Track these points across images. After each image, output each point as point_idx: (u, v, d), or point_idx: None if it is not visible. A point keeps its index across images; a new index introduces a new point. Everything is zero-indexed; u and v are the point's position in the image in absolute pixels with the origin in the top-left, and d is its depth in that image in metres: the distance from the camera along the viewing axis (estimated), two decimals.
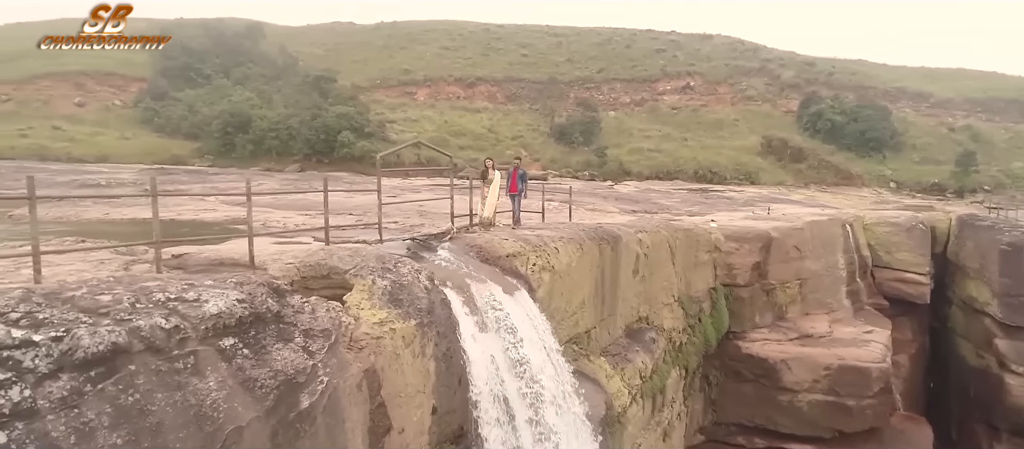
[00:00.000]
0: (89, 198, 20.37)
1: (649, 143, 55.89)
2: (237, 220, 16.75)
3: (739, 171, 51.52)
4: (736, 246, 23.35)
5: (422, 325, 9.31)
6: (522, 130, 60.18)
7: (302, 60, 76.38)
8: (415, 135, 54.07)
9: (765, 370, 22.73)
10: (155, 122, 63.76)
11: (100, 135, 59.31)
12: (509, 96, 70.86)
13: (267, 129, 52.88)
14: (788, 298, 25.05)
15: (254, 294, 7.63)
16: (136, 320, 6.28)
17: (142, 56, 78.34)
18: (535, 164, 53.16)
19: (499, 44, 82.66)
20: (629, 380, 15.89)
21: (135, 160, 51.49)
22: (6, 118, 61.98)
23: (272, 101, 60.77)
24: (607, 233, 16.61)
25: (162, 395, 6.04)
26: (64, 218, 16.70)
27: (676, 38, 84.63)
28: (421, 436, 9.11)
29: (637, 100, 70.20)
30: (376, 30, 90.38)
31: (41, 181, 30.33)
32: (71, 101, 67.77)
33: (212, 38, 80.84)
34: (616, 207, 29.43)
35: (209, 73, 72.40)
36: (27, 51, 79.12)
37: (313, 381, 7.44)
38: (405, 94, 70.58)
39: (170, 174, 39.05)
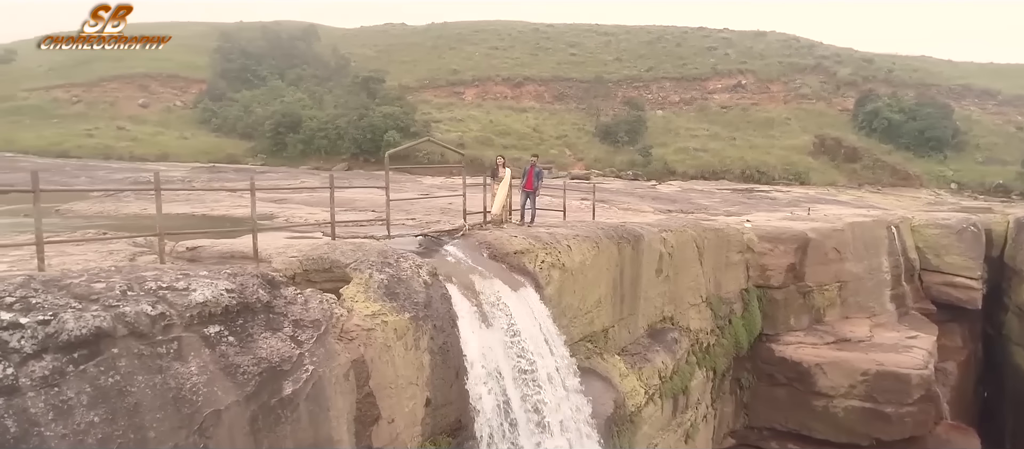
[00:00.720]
0: (97, 192, 21.30)
1: (696, 142, 55.05)
2: (263, 216, 17.31)
3: (788, 171, 50.26)
4: (770, 247, 22.89)
5: (417, 319, 9.51)
6: (567, 130, 60.07)
7: (354, 61, 77.90)
8: (459, 135, 54.61)
9: (799, 374, 22.22)
10: (213, 122, 65.99)
11: (161, 135, 61.72)
12: (556, 96, 70.76)
13: (316, 129, 54.19)
14: (826, 301, 24.40)
15: (245, 285, 7.93)
16: (123, 306, 6.64)
17: (203, 59, 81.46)
18: (578, 164, 53.05)
19: (548, 44, 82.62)
20: (647, 380, 15.81)
21: (192, 159, 53.44)
22: (76, 119, 65.12)
23: (323, 102, 62.19)
24: (628, 232, 16.55)
25: (143, 377, 6.37)
26: (104, 212, 17.56)
27: (728, 36, 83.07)
28: (413, 427, 9.30)
29: (686, 99, 69.20)
30: (426, 31, 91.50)
31: (98, 178, 31.86)
32: (136, 102, 70.73)
33: (269, 40, 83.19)
34: (651, 207, 29.16)
35: (265, 74, 74.53)
36: (97, 55, 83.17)
37: (298, 369, 7.70)
38: (453, 94, 71.23)
39: (219, 172, 40.46)
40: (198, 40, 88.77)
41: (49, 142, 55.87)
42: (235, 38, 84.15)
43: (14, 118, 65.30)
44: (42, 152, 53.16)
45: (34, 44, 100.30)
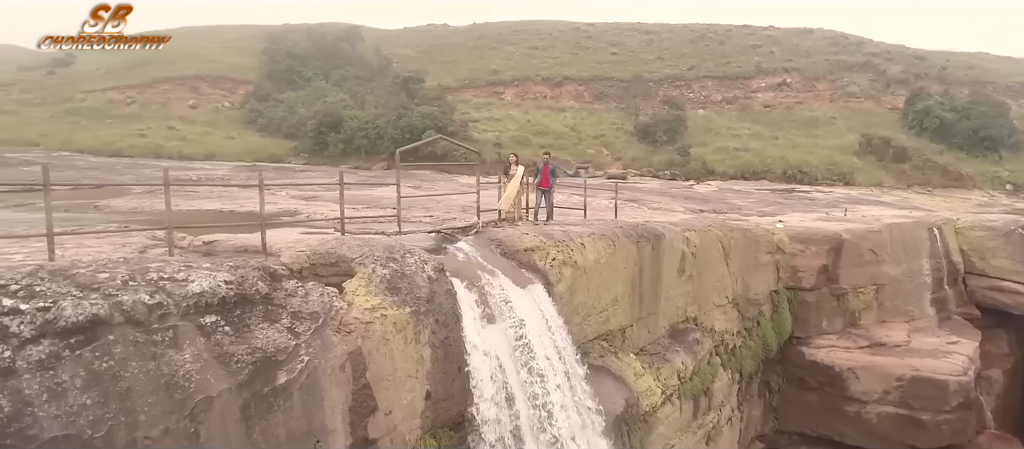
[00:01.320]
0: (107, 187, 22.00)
1: (736, 142, 54.11)
2: (289, 212, 17.73)
3: (832, 171, 49.03)
4: (801, 248, 22.42)
5: (418, 313, 9.65)
6: (605, 129, 59.74)
7: (396, 62, 78.86)
8: (496, 134, 54.84)
9: (830, 378, 21.69)
10: (258, 122, 67.66)
11: (209, 135, 63.57)
12: (596, 95, 70.46)
13: (357, 129, 55.08)
14: (862, 304, 23.77)
15: (245, 277, 8.18)
16: (121, 295, 6.93)
17: (251, 60, 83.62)
18: (616, 163, 52.72)
19: (588, 43, 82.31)
20: (665, 380, 15.67)
21: (236, 158, 54.88)
22: (130, 120, 67.52)
23: (365, 102, 63.15)
24: (648, 231, 16.43)
25: (136, 363, 6.64)
26: (139, 208, 18.24)
27: (773, 33, 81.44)
28: (412, 420, 9.44)
29: (729, 98, 68.12)
30: (468, 31, 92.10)
31: (144, 176, 32.97)
32: (186, 103, 72.98)
33: (314, 42, 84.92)
34: (682, 206, 28.84)
35: (309, 75, 76.08)
36: (152, 57, 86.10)
37: (293, 359, 7.91)
38: (493, 94, 71.54)
39: (260, 171, 41.41)
40: (247, 42, 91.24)
41: (104, 142, 58.09)
42: (281, 40, 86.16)
43: (72, 119, 68.08)
44: (97, 151, 55.34)
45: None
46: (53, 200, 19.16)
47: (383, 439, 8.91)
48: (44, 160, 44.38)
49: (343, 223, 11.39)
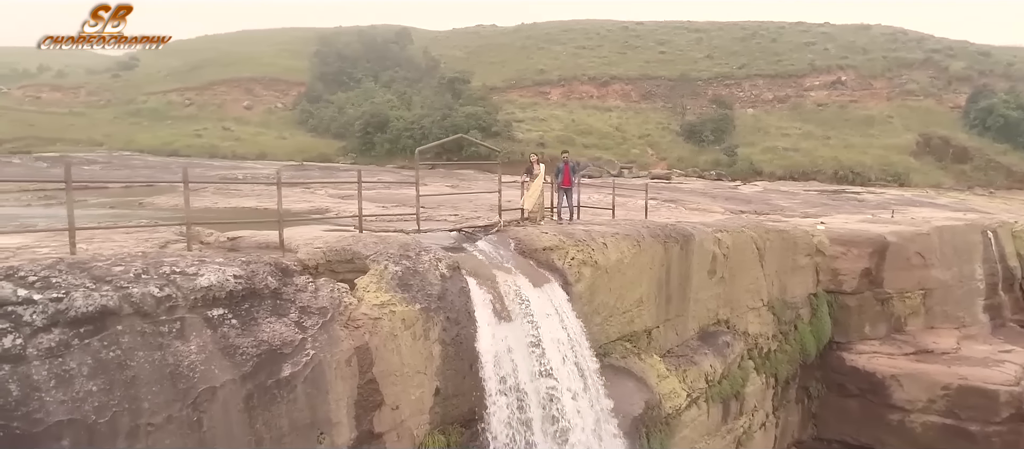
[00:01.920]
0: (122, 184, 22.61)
1: (786, 142, 52.79)
2: (320, 210, 18.11)
3: (886, 172, 47.38)
4: (843, 250, 21.77)
5: (428, 310, 9.77)
6: (651, 129, 59.07)
7: (444, 62, 79.59)
8: (540, 134, 54.80)
9: (872, 385, 21.03)
10: (309, 123, 69.19)
11: (262, 135, 65.31)
12: (643, 94, 69.74)
13: (402, 129, 55.78)
14: (908, 309, 22.95)
15: (255, 272, 8.43)
16: (132, 288, 7.23)
17: (304, 63, 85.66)
18: (661, 163, 52.08)
19: (636, 42, 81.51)
20: (691, 383, 15.46)
21: (287, 157, 56.19)
22: (187, 121, 69.91)
23: (412, 102, 63.93)
24: (676, 231, 16.24)
25: (143, 353, 6.93)
26: (179, 206, 18.84)
27: (829, 30, 79.19)
28: (420, 415, 9.56)
29: (780, 97, 66.53)
30: (516, 32, 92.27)
31: (196, 175, 34.08)
32: (241, 104, 75.16)
33: (364, 44, 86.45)
34: (722, 207, 28.33)
35: (359, 77, 77.40)
36: (209, 60, 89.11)
37: (299, 353, 8.12)
38: (539, 94, 71.50)
39: (306, 170, 42.40)
40: (300, 45, 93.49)
41: (162, 142, 60.27)
42: (333, 42, 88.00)
43: (134, 120, 70.89)
44: (156, 151, 57.46)
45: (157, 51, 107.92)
46: (104, 198, 19.98)
47: (389, 433, 9.06)
48: (105, 159, 46.32)
49: (361, 221, 11.60)
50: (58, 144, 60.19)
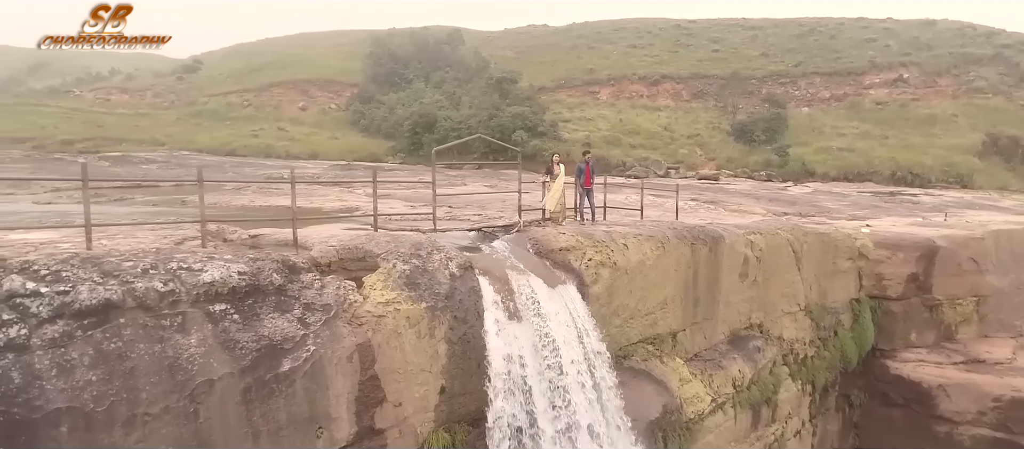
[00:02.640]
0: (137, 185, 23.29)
1: (841, 142, 51.05)
2: (350, 208, 18.44)
3: (947, 173, 45.34)
4: (888, 254, 20.98)
5: (435, 309, 9.86)
6: (701, 128, 58.01)
7: (494, 63, 79.85)
8: (586, 134, 54.48)
9: (917, 395, 20.22)
10: (361, 123, 70.40)
11: (315, 135, 66.79)
12: (695, 93, 68.52)
13: (450, 129, 56.23)
14: (959, 317, 21.96)
15: (261, 269, 8.67)
16: (136, 282, 7.53)
17: (357, 64, 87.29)
18: (709, 163, 51.10)
19: (689, 40, 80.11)
20: (717, 388, 15.16)
21: (338, 157, 57.34)
22: (245, 121, 72.02)
23: (461, 102, 64.41)
24: (705, 233, 15.95)
25: (144, 345, 7.21)
26: (220, 203, 19.50)
27: (891, 25, 76.18)
28: (425, 413, 9.66)
29: (838, 95, 64.37)
30: (567, 31, 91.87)
31: (246, 174, 35.11)
32: (296, 105, 77.02)
33: (417, 45, 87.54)
34: (764, 208, 27.64)
35: (411, 78, 78.38)
36: (268, 62, 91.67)
37: (299, 348, 8.31)
38: (588, 93, 71.05)
39: (351, 169, 43.20)
40: (355, 47, 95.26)
41: (220, 142, 62.25)
42: (386, 44, 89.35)
43: (195, 121, 73.41)
44: (214, 151, 59.40)
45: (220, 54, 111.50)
46: (152, 196, 20.77)
47: (391, 430, 9.19)
48: (164, 159, 48.17)
49: (376, 219, 11.78)
50: (124, 144, 62.87)
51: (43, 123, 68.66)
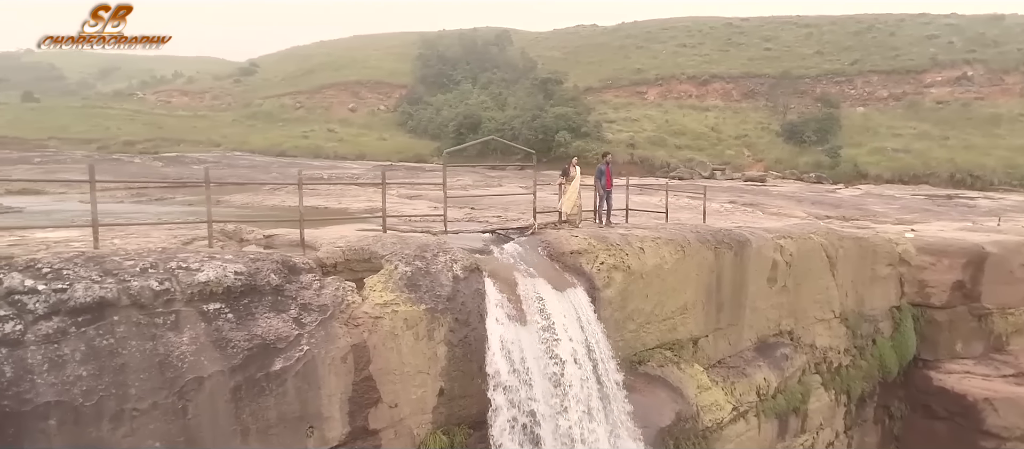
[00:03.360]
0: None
1: (897, 142, 49.06)
2: (375, 209, 18.57)
3: (1012, 175, 43.07)
4: (932, 260, 20.10)
5: (435, 311, 9.88)
6: (749, 129, 56.63)
7: (542, 63, 79.76)
8: (631, 135, 53.91)
9: (963, 408, 19.32)
10: (408, 124, 71.27)
11: (363, 136, 67.90)
12: (745, 93, 67.02)
13: (494, 129, 56.39)
14: (1011, 327, 20.88)
15: (259, 269, 8.82)
16: (133, 281, 7.77)
17: (407, 65, 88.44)
18: (757, 164, 49.87)
19: (740, 38, 78.41)
20: (740, 396, 14.80)
21: (385, 158, 58.12)
22: (296, 123, 73.73)
23: (506, 103, 64.58)
24: (731, 237, 15.58)
25: (135, 343, 7.42)
26: (251, 203, 19.98)
27: (955, 21, 72.96)
28: (422, 415, 9.68)
29: (896, 94, 61.97)
30: (615, 31, 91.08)
31: (289, 175, 35.85)
32: (346, 107, 78.47)
33: (465, 46, 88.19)
34: (805, 211, 26.82)
35: (459, 79, 78.97)
36: (321, 65, 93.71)
37: (292, 348, 8.44)
38: (635, 94, 70.29)
39: (394, 170, 43.70)
40: (405, 48, 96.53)
41: (271, 142, 63.85)
42: (435, 45, 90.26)
43: (250, 123, 75.49)
44: (265, 151, 60.97)
45: (276, 57, 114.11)
46: (190, 195, 21.40)
47: (386, 430, 9.24)
48: (215, 159, 49.65)
49: (384, 221, 11.87)
50: (181, 145, 65.10)
51: (108, 125, 71.65)
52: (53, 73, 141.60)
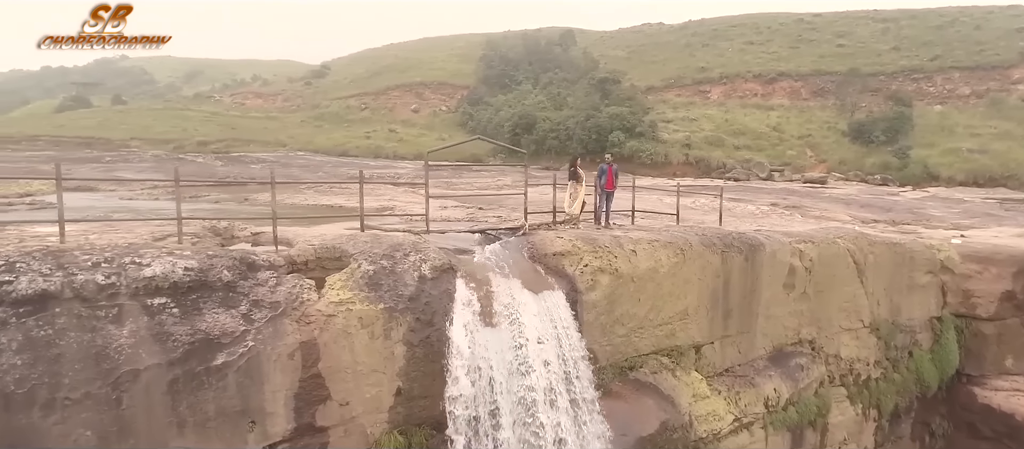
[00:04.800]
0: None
1: (974, 142, 45.95)
2: (387, 208, 18.78)
3: None
4: (978, 268, 18.73)
5: (394, 310, 9.87)
6: (814, 128, 54.23)
7: (605, 63, 78.93)
8: (687, 135, 52.60)
9: (1010, 429, 17.94)
10: (469, 125, 71.84)
11: (423, 137, 68.88)
12: (814, 91, 64.28)
13: (548, 130, 56.27)
14: None
15: (212, 266, 9.02)
16: (79, 275, 8.06)
17: (470, 66, 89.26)
18: (820, 166, 47.68)
19: (812, 35, 75.29)
20: (744, 406, 14.19)
21: (441, 158, 58.78)
22: (361, 123, 75.56)
23: (566, 103, 64.19)
24: (741, 240, 14.94)
25: (74, 334, 7.71)
26: (282, 202, 20.53)
27: None
28: (376, 414, 9.68)
29: (979, 91, 58.10)
30: (682, 29, 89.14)
31: (342, 174, 36.72)
32: (409, 108, 79.85)
33: (528, 47, 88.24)
34: (850, 214, 25.48)
35: (521, 79, 79.10)
36: (388, 67, 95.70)
37: (237, 344, 8.59)
38: (698, 93, 68.58)
39: (440, 170, 44.11)
40: (470, 50, 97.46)
41: (335, 143, 65.65)
42: (498, 46, 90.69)
43: (317, 124, 77.82)
44: (328, 151, 62.78)
45: (348, 60, 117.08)
46: (225, 194, 22.16)
47: (336, 428, 9.28)
48: (274, 159, 51.32)
49: (363, 220, 11.94)
50: (250, 145, 67.74)
51: (185, 126, 75.15)
52: (144, 77, 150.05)
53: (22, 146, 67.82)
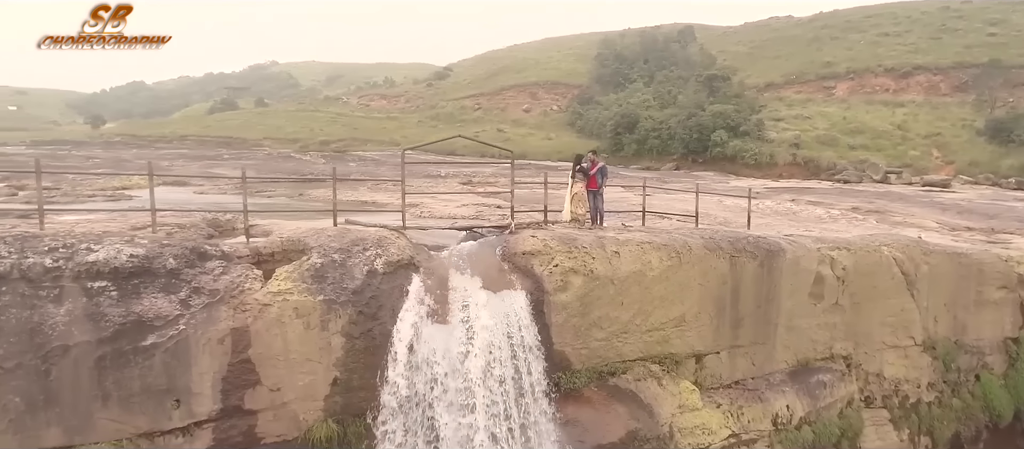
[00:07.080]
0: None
1: None
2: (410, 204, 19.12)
3: None
4: None
5: (334, 302, 10.16)
6: (945, 126, 49.19)
7: (723, 59, 76.16)
8: (796, 134, 49.49)
9: None
10: (577, 124, 71.77)
11: (531, 136, 69.56)
12: (956, 86, 58.51)
13: (650, 129, 55.00)
14: None
15: (158, 254, 9.71)
16: (30, 258, 8.98)
17: (585, 66, 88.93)
18: (947, 167, 43.25)
19: (958, 24, 68.40)
20: (747, 422, 13.32)
21: (544, 157, 59.01)
22: (473, 123, 77.43)
23: (676, 101, 62.50)
24: (755, 244, 14.00)
25: (15, 311, 8.60)
26: (322, 198, 21.51)
27: None
28: (311, 401, 10.00)
29: None
30: (810, 23, 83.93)
31: (414, 171, 37.79)
32: (521, 108, 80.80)
33: (645, 44, 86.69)
34: (939, 220, 22.95)
35: (635, 77, 77.86)
36: (506, 67, 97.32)
37: (169, 327, 9.22)
38: (821, 89, 64.42)
39: (519, 169, 44.24)
40: (585, 49, 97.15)
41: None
42: (614, 45, 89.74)
43: (433, 124, 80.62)
44: (439, 151, 64.81)
45: (471, 61, 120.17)
46: (292, 189, 23.56)
47: (264, 412, 9.69)
48: (375, 157, 53.57)
49: (335, 215, 12.31)
50: (367, 144, 71.31)
51: (313, 126, 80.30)
52: (289, 82, 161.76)
53: (173, 144, 75.19)
